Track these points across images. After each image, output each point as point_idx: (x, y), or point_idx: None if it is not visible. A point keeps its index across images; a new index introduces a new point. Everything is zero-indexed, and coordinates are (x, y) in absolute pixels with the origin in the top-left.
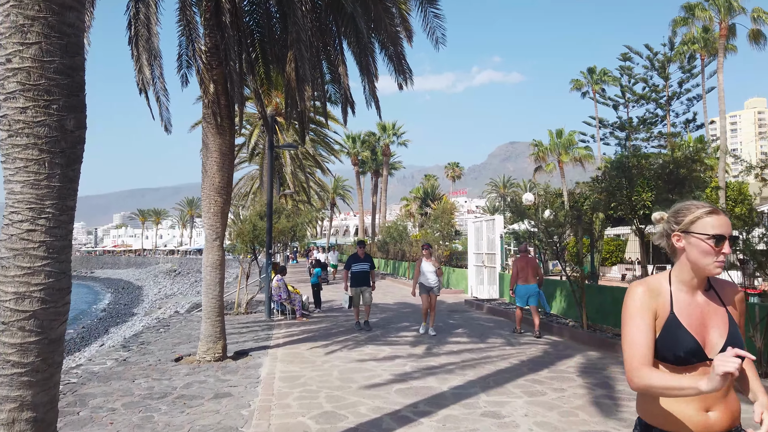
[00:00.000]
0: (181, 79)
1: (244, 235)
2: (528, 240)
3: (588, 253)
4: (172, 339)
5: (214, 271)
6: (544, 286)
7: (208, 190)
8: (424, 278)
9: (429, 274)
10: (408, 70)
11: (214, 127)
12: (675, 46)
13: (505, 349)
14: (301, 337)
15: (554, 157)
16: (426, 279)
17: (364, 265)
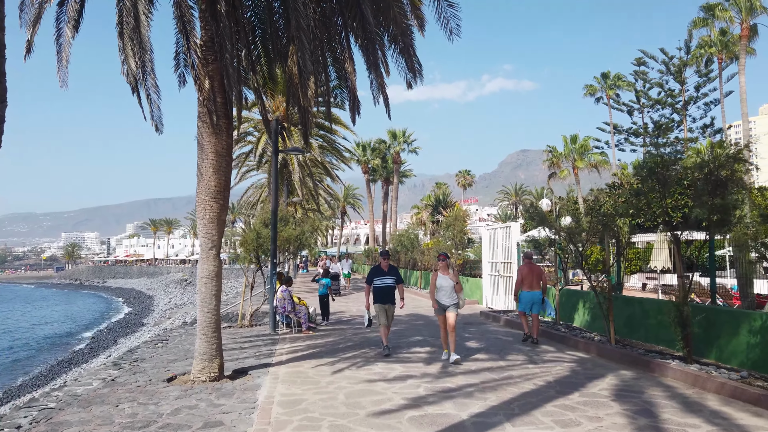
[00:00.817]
0: (178, 78)
1: (247, 243)
2: (548, 248)
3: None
4: (169, 355)
5: (210, 283)
6: (565, 297)
7: (203, 195)
8: (440, 295)
9: (446, 290)
10: (418, 66)
11: (209, 126)
12: (691, 49)
13: (528, 368)
14: (306, 353)
15: (569, 163)
16: (442, 296)
17: (389, 279)
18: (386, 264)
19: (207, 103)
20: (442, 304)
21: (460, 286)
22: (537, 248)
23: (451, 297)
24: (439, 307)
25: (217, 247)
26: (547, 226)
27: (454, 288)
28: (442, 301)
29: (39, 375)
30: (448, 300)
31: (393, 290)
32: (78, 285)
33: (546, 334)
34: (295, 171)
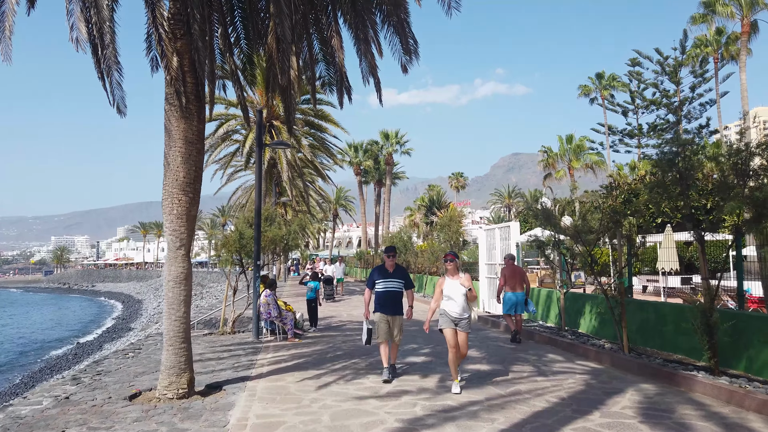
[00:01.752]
0: (150, 62)
1: (229, 244)
2: (552, 248)
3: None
4: (138, 367)
5: (178, 287)
6: (570, 301)
7: (171, 187)
8: (449, 306)
9: (455, 299)
10: (414, 44)
11: (177, 109)
12: (687, 49)
13: (536, 381)
14: (290, 364)
15: (564, 164)
16: (451, 307)
17: (395, 282)
18: (392, 263)
19: (175, 83)
20: (450, 317)
21: (473, 294)
22: (539, 249)
23: (462, 308)
24: (446, 321)
25: (187, 247)
26: (552, 225)
27: (466, 296)
28: (450, 313)
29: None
30: (459, 312)
31: (400, 297)
32: (66, 289)
33: (552, 342)
34: (284, 170)
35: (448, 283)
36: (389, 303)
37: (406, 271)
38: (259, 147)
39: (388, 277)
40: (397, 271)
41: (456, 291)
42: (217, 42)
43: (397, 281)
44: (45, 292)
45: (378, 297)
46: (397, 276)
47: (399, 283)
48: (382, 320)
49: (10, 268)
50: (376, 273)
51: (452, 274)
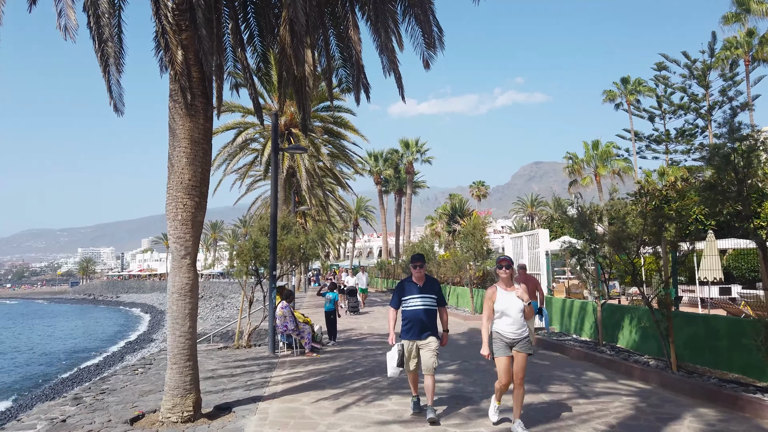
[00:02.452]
0: (159, 62)
1: (243, 254)
2: (588, 256)
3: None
4: (145, 384)
5: (182, 300)
6: (607, 313)
7: (175, 191)
8: (503, 324)
9: (512, 316)
10: (437, 32)
11: (182, 106)
12: (715, 52)
13: (578, 403)
14: (306, 382)
15: (590, 170)
16: (506, 326)
17: (427, 298)
18: (421, 275)
19: (180, 78)
20: (504, 339)
21: (531, 310)
22: (574, 256)
23: (519, 326)
24: (498, 345)
25: (192, 255)
26: (588, 231)
27: (523, 312)
28: (505, 334)
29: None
30: (515, 331)
31: (433, 317)
32: (92, 300)
33: (588, 358)
34: (303, 179)
35: (502, 295)
36: (419, 326)
37: (438, 283)
38: (275, 151)
39: (416, 293)
40: (428, 284)
41: (512, 306)
42: (228, 39)
43: (429, 297)
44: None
45: (405, 319)
46: (428, 291)
47: (431, 300)
48: (410, 349)
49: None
50: (402, 288)
51: (506, 285)
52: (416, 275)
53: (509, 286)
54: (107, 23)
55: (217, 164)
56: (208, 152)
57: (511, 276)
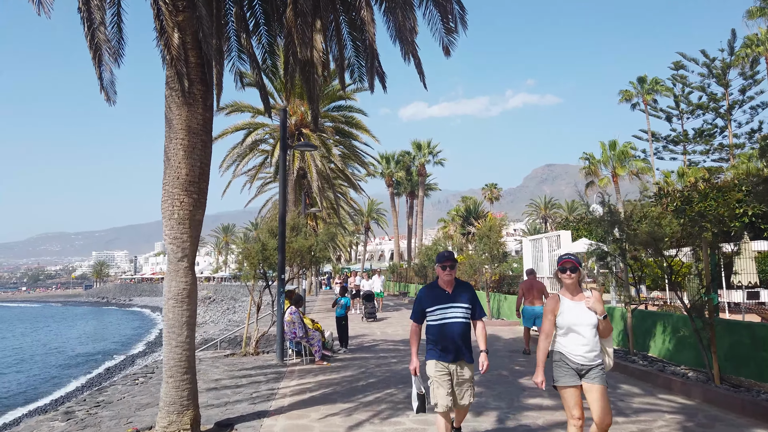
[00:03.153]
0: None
1: (251, 256)
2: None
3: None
4: (143, 396)
5: (179, 307)
6: (637, 320)
7: (171, 187)
8: (569, 344)
9: (582, 333)
10: (460, 12)
11: (179, 94)
12: (735, 50)
13: (616, 422)
14: (316, 395)
15: (608, 171)
16: (574, 347)
17: (459, 309)
18: (450, 279)
19: (176, 63)
20: (571, 365)
21: (609, 326)
22: (601, 260)
23: (592, 347)
24: (563, 372)
25: (190, 258)
26: (620, 231)
27: (596, 329)
28: (572, 357)
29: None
30: (586, 354)
31: (467, 333)
32: (105, 303)
33: (620, 368)
34: (314, 180)
35: (568, 307)
36: (451, 345)
37: (472, 289)
38: (283, 148)
39: (445, 303)
40: (460, 290)
41: (582, 319)
42: (232, 26)
43: (461, 308)
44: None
45: (432, 335)
46: (461, 299)
47: (464, 311)
48: (441, 375)
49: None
50: (426, 297)
51: (573, 293)
52: (444, 279)
53: (577, 294)
54: (98, 5)
55: (226, 165)
56: (207, 144)
57: (578, 281)
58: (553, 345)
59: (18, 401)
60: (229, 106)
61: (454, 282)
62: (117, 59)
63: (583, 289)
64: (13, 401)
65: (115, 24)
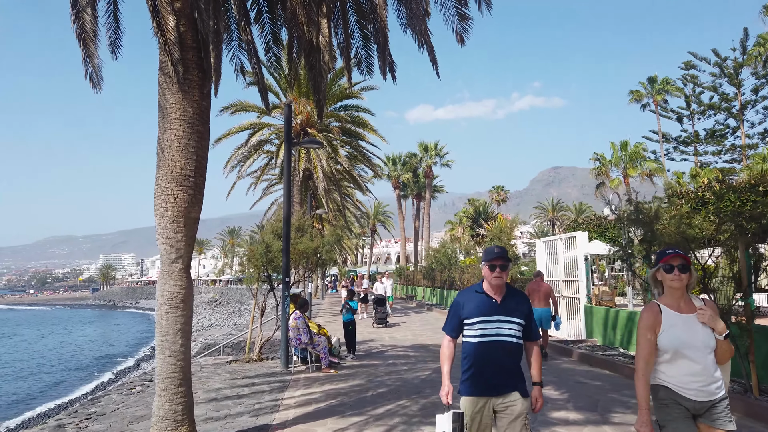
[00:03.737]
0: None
1: (255, 258)
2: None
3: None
4: (138, 407)
5: (173, 312)
6: None
7: (165, 182)
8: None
9: (694, 358)
10: None
11: (174, 81)
12: (748, 49)
13: None
14: (322, 406)
15: (619, 172)
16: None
17: (509, 323)
18: (501, 283)
19: (171, 47)
20: (683, 401)
21: (730, 348)
22: (626, 261)
23: (708, 378)
24: (671, 411)
25: (185, 259)
26: (649, 230)
27: (712, 348)
28: (681, 389)
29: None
30: (704, 388)
31: (518, 357)
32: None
33: None
34: (320, 181)
35: (672, 321)
36: (496, 371)
37: (528, 301)
38: (288, 144)
39: (492, 314)
40: (513, 300)
41: (696, 339)
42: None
43: (512, 323)
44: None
45: (470, 356)
46: (513, 312)
47: (515, 329)
48: (480, 413)
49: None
50: (468, 303)
51: (680, 301)
52: (493, 283)
53: (685, 305)
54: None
55: (230, 166)
56: (204, 136)
57: (687, 285)
58: (654, 376)
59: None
60: (233, 106)
61: (505, 288)
62: (115, 50)
63: (692, 297)
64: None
65: (111, 13)
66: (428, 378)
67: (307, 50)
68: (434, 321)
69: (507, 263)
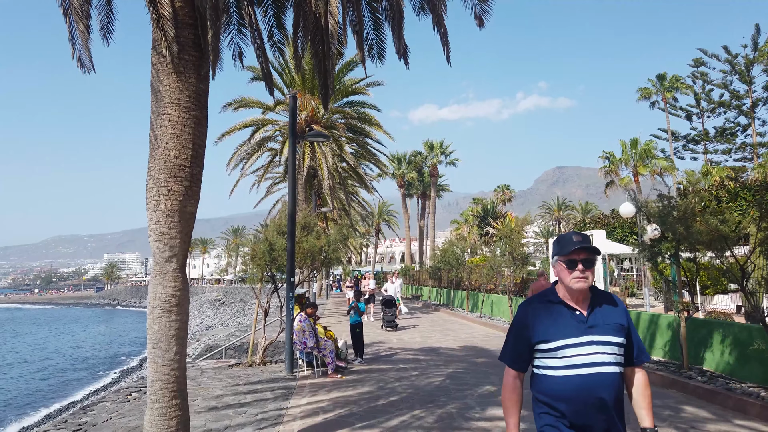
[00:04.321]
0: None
1: (258, 257)
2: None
3: None
4: (132, 417)
5: (166, 316)
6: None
7: (158, 172)
8: None
9: None
10: None
11: (168, 61)
12: (759, 45)
13: None
14: (330, 417)
15: (629, 170)
16: None
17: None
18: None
19: (165, 24)
20: None
21: None
22: (651, 261)
23: None
24: None
25: (180, 258)
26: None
27: None
28: None
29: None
30: None
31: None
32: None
33: (676, 385)
34: (326, 178)
35: None
36: (591, 416)
37: (622, 305)
38: (293, 137)
39: (579, 333)
40: (603, 309)
41: None
42: None
43: (609, 345)
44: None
45: (552, 399)
46: (608, 327)
47: (614, 351)
48: None
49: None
50: (540, 319)
51: None
52: (575, 287)
53: None
54: None
55: (234, 164)
56: (202, 122)
57: None
58: None
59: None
60: (236, 102)
61: (590, 294)
62: (107, 35)
63: None
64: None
65: None
66: (441, 385)
67: (314, 30)
68: (442, 322)
69: (593, 257)
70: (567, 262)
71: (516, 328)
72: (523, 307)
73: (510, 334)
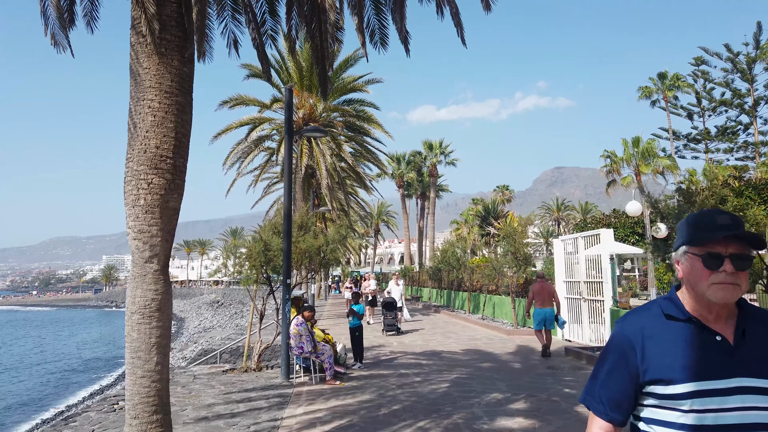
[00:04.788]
0: None
1: (253, 258)
2: None
3: None
4: (116, 429)
5: (146, 323)
6: None
7: (136, 164)
8: None
9: None
10: None
11: (149, 41)
12: (761, 43)
13: None
14: (329, 429)
15: (631, 170)
16: None
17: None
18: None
19: (146, 0)
20: None
21: None
22: (663, 260)
23: None
24: None
25: (162, 258)
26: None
27: None
28: None
29: None
30: None
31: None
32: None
33: None
34: (324, 177)
35: None
36: None
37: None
38: (289, 133)
39: (724, 373)
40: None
41: None
42: None
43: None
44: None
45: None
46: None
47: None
48: None
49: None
50: (654, 342)
51: None
52: (717, 296)
53: None
54: None
55: (230, 163)
56: (186, 109)
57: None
58: None
59: None
60: (233, 100)
61: (735, 309)
62: (91, 22)
63: None
64: None
65: None
66: (446, 392)
67: (309, 11)
68: (443, 324)
69: (749, 251)
70: (705, 257)
71: (614, 355)
72: (628, 322)
73: (603, 360)
